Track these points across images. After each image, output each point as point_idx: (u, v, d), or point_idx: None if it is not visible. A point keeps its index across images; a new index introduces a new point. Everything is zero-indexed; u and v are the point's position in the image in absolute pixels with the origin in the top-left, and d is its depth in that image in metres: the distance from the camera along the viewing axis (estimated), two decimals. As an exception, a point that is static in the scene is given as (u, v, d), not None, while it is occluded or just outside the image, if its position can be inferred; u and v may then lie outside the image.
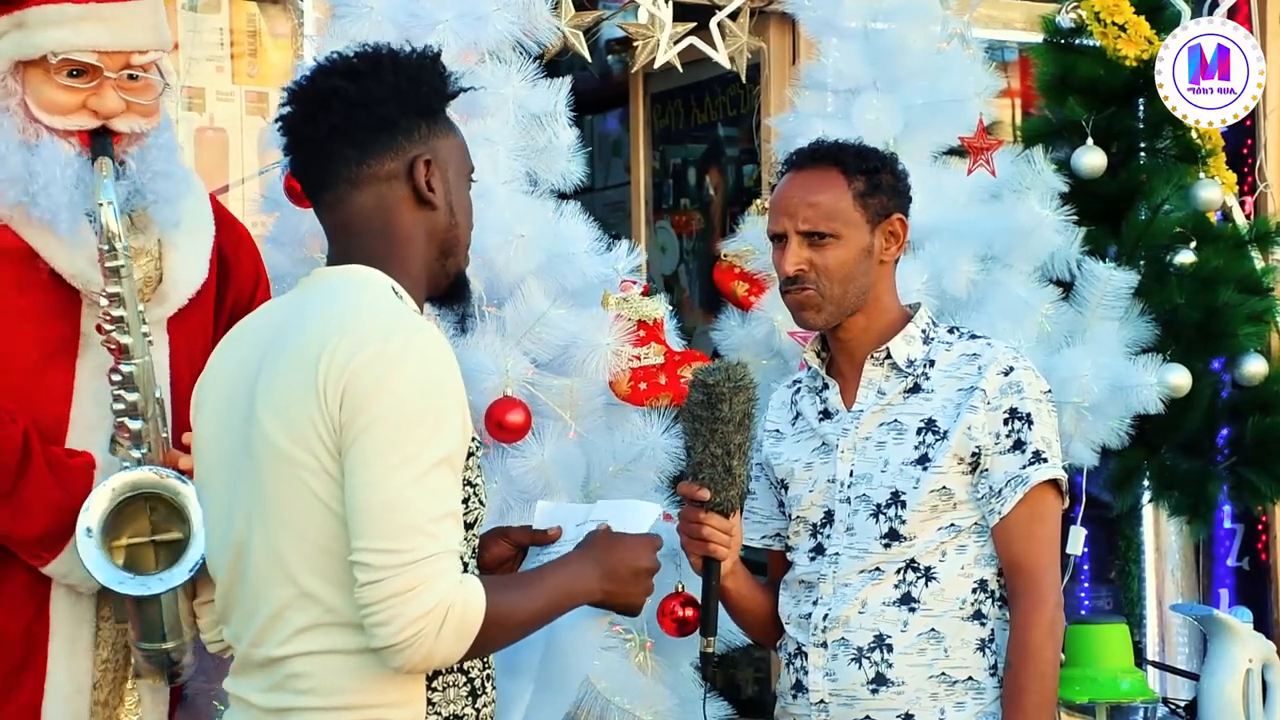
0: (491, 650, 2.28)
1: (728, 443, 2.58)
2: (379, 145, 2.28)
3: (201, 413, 2.36)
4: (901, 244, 2.82)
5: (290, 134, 2.33)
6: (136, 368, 2.73)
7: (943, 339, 2.82)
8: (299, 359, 2.18)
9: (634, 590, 2.41)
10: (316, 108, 2.29)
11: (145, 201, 2.84)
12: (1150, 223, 4.14)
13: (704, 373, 2.58)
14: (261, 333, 2.31)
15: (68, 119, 2.77)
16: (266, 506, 2.20)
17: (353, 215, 2.30)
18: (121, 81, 2.79)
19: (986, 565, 2.75)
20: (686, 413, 2.61)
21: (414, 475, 2.11)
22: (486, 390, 3.19)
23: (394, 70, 2.30)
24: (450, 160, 2.35)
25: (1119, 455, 4.02)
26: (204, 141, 4.66)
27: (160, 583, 2.68)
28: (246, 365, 2.28)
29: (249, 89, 4.70)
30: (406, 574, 2.09)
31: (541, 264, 3.30)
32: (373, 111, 2.27)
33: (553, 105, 3.43)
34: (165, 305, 2.88)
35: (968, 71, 3.88)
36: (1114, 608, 4.62)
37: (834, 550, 2.77)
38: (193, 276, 2.91)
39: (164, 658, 2.79)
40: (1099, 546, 4.64)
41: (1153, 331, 3.90)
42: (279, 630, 2.20)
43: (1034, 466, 2.71)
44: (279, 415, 2.18)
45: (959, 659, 2.72)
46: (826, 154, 2.81)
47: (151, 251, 2.88)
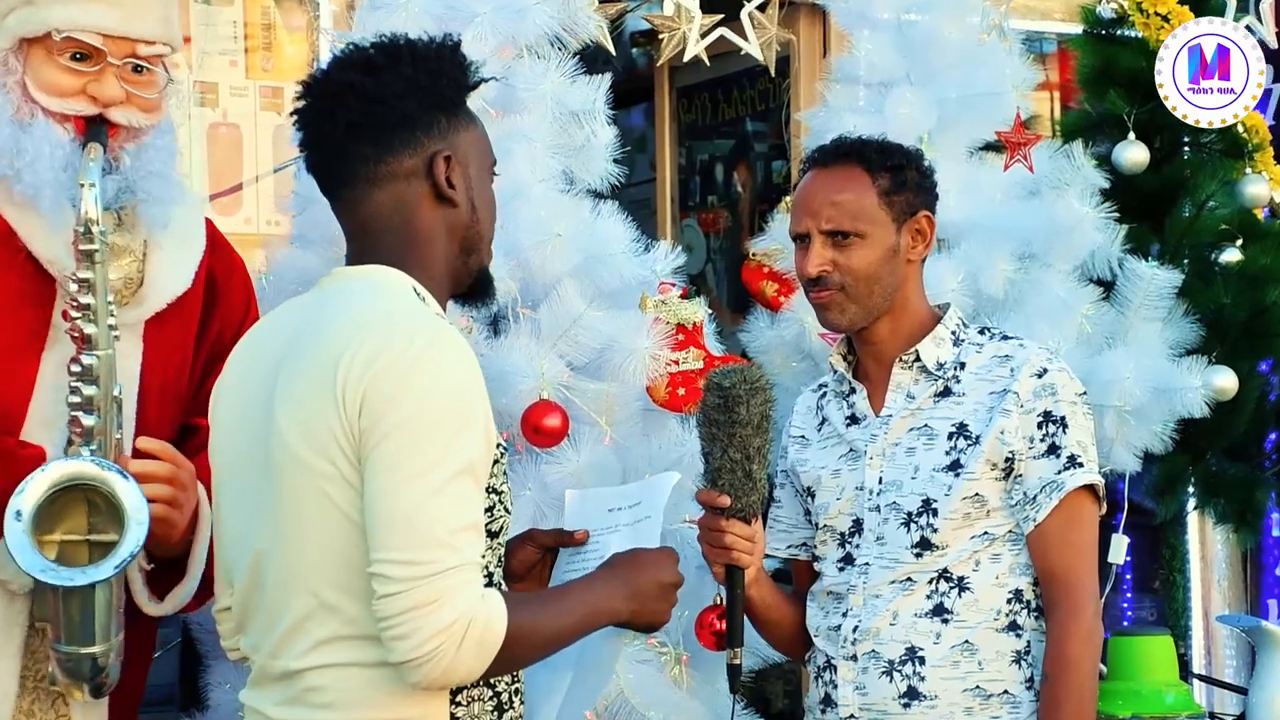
0: (513, 668, 2.29)
1: (746, 446, 2.60)
2: (397, 143, 2.30)
3: (219, 415, 2.38)
4: (929, 242, 2.84)
5: (306, 130, 2.35)
6: (98, 360, 2.67)
7: (973, 340, 2.84)
8: (317, 363, 2.19)
9: (660, 607, 2.41)
10: (333, 104, 2.30)
11: (135, 199, 2.82)
12: (1195, 220, 4.13)
13: (719, 375, 2.60)
14: (280, 335, 2.32)
15: (65, 101, 2.76)
16: (285, 515, 2.22)
17: (371, 214, 2.32)
18: (125, 71, 2.78)
19: (1022, 574, 2.76)
20: (703, 418, 2.62)
21: (435, 484, 2.12)
22: (521, 394, 3.21)
23: (412, 63, 2.31)
24: (471, 154, 2.36)
25: (1162, 460, 4.01)
26: (217, 138, 4.69)
27: (84, 576, 2.60)
28: (265, 368, 2.29)
29: (263, 84, 4.73)
30: (426, 587, 2.10)
31: (578, 265, 3.31)
32: (390, 108, 2.29)
33: (591, 102, 3.45)
34: (143, 307, 2.85)
35: (1004, 64, 3.88)
36: (1158, 619, 4.61)
37: (864, 560, 2.79)
38: (175, 281, 2.88)
39: (86, 664, 2.69)
40: (1142, 555, 4.63)
41: (1197, 332, 3.89)
42: (298, 642, 2.22)
43: (1069, 471, 2.72)
44: (297, 422, 2.20)
45: (994, 672, 2.73)
46: (849, 151, 2.83)
47: (135, 252, 2.86)
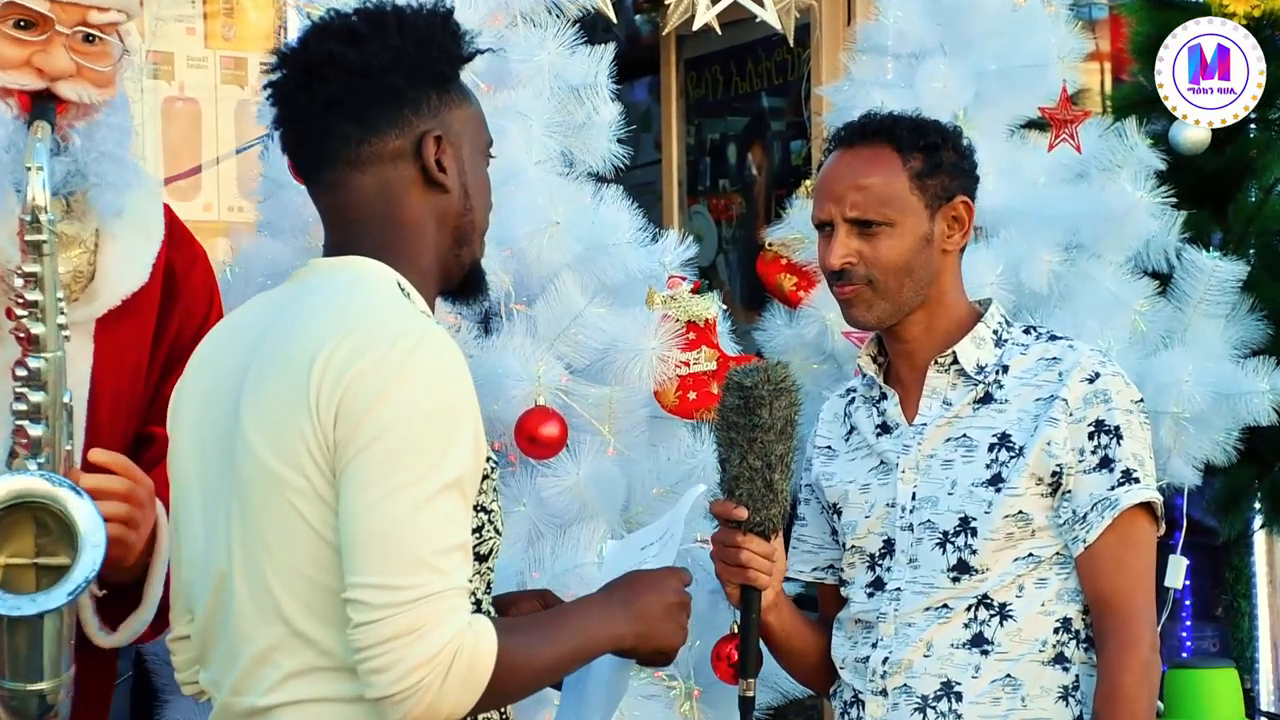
0: (505, 702, 2.29)
1: (768, 454, 2.60)
2: (383, 120, 2.30)
3: (179, 422, 2.38)
4: (967, 230, 2.84)
5: (281, 106, 2.35)
6: (46, 363, 2.66)
7: (1018, 341, 2.84)
8: (290, 365, 2.19)
9: (666, 630, 2.40)
10: (311, 76, 2.30)
11: (86, 184, 2.81)
12: (1261, 205, 4.15)
13: (740, 374, 2.60)
14: (248, 333, 2.32)
15: (8, 75, 2.74)
16: (251, 533, 2.21)
17: (353, 199, 2.32)
18: (75, 41, 2.77)
19: (1070, 601, 2.76)
20: (721, 421, 2.63)
21: (418, 501, 2.12)
22: (515, 399, 3.21)
23: (399, 32, 2.30)
24: (464, 134, 2.36)
25: (1225, 473, 4.02)
26: (173, 114, 4.70)
27: (33, 604, 2.59)
28: (231, 370, 2.29)
29: (225, 54, 4.75)
30: (408, 614, 2.10)
31: (578, 256, 3.32)
32: (375, 82, 2.28)
33: (593, 76, 3.45)
34: (94, 304, 2.85)
35: (1049, 32, 3.90)
36: (1221, 649, 4.62)
37: (895, 585, 2.79)
38: (129, 276, 2.88)
39: (34, 701, 2.68)
40: (1203, 579, 4.64)
41: (1264, 330, 3.90)
42: (265, 675, 2.21)
43: (1124, 487, 2.72)
44: (266, 430, 2.20)
45: (1038, 709, 2.73)
46: (878, 129, 2.83)
47: (86, 243, 2.85)
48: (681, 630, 2.42)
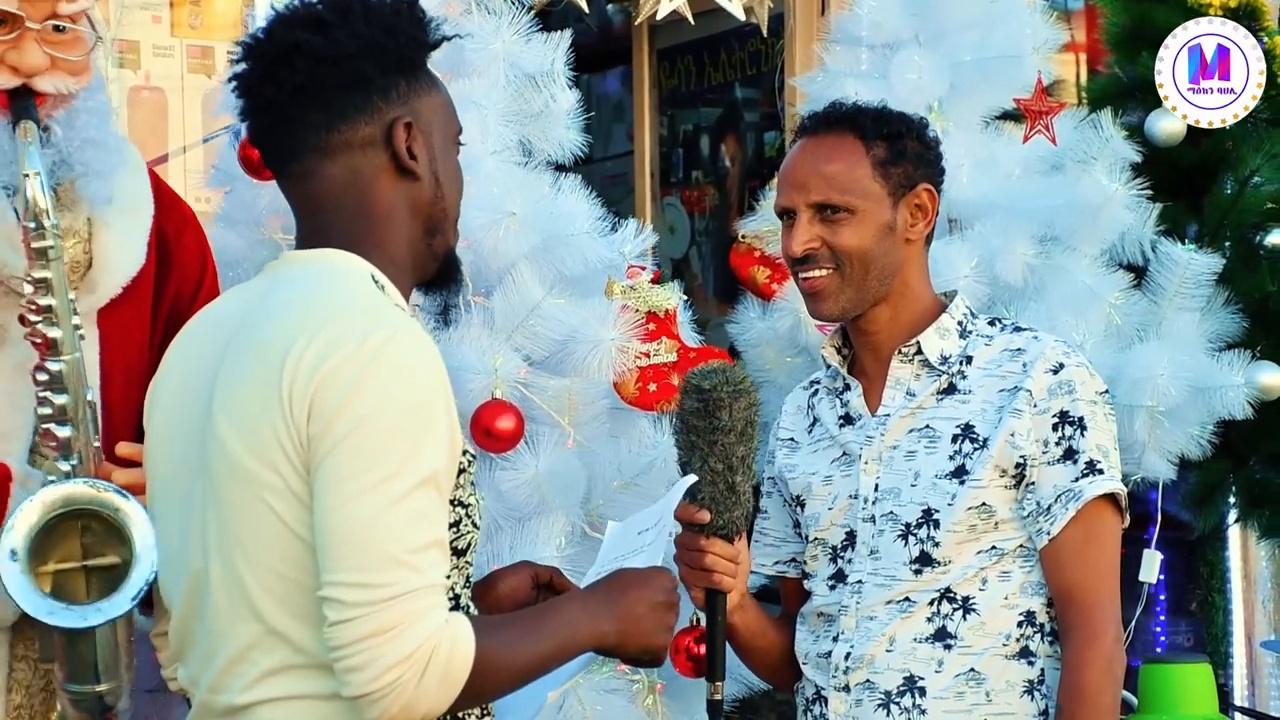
0: (483, 701, 2.30)
1: (729, 456, 2.60)
2: (352, 108, 2.30)
3: (154, 419, 2.38)
4: (930, 219, 2.85)
5: (247, 96, 2.35)
6: (66, 365, 2.70)
7: (982, 332, 2.85)
8: (262, 360, 2.19)
9: (651, 628, 2.39)
10: (277, 65, 2.30)
11: (73, 174, 2.83)
12: (1237, 198, 4.15)
13: (698, 377, 2.60)
14: (222, 326, 2.32)
15: None
16: (226, 531, 2.21)
17: (323, 189, 2.32)
18: (45, 34, 2.78)
19: (1034, 594, 2.77)
20: (680, 425, 2.63)
21: (393, 498, 2.12)
22: (473, 392, 3.21)
23: (365, 19, 2.31)
24: (434, 121, 2.36)
25: (1200, 468, 4.03)
26: (139, 103, 4.70)
27: (99, 613, 2.65)
28: (204, 364, 2.29)
29: (191, 43, 4.74)
30: (384, 612, 2.10)
31: (536, 246, 3.32)
32: (343, 69, 2.29)
33: (550, 64, 3.45)
34: (95, 294, 2.88)
35: (1024, 23, 3.90)
36: (1195, 644, 4.65)
37: (856, 578, 2.80)
38: (127, 261, 2.91)
39: (96, 702, 2.77)
40: (1177, 574, 4.66)
41: (1239, 324, 3.91)
42: (243, 674, 2.21)
43: (1088, 479, 2.73)
44: (238, 426, 2.19)
45: (1003, 704, 2.75)
46: (842, 118, 2.84)
47: (80, 232, 2.88)
48: (667, 630, 2.42)
